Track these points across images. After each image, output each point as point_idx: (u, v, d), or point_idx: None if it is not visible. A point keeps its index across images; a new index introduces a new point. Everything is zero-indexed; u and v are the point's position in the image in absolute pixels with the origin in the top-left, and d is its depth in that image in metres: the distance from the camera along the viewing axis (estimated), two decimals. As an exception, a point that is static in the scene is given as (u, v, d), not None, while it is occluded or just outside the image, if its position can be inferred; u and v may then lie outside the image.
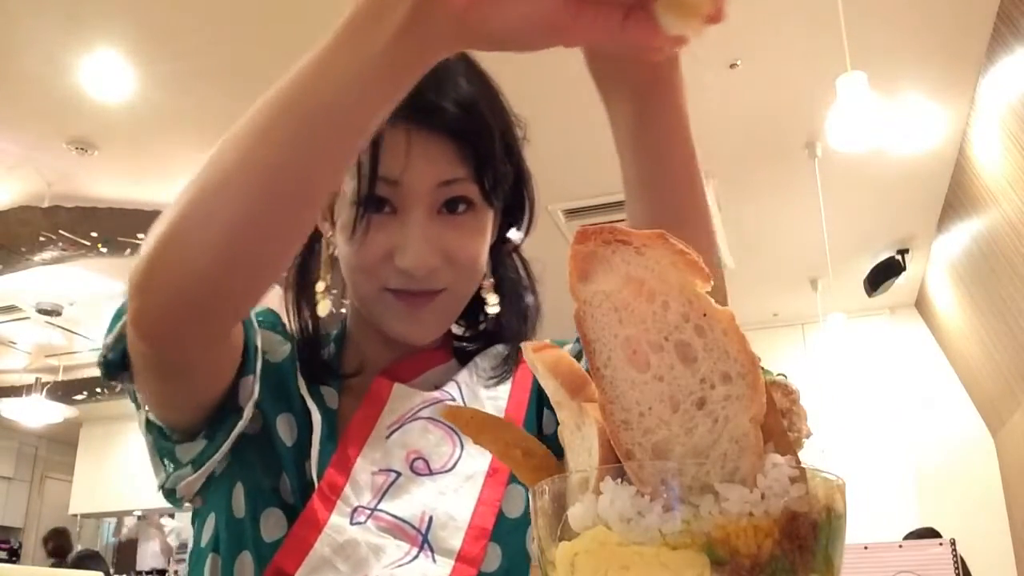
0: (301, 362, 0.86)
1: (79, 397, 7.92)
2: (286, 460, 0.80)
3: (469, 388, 0.89)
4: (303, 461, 0.80)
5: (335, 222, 0.83)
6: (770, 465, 0.37)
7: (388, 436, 0.83)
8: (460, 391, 0.88)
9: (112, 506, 9.04)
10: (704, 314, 0.39)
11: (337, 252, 0.84)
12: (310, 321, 0.87)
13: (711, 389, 0.39)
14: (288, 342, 0.88)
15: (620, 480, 0.38)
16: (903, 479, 6.31)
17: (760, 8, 3.45)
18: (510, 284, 0.92)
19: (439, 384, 0.89)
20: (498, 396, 0.89)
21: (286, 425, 0.82)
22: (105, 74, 3.87)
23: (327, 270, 0.86)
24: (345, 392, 0.87)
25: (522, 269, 0.94)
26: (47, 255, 5.28)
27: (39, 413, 7.96)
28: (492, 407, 0.87)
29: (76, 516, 9.61)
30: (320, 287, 0.85)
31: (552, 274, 0.93)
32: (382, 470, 0.81)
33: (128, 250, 5.18)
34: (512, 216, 0.90)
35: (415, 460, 0.82)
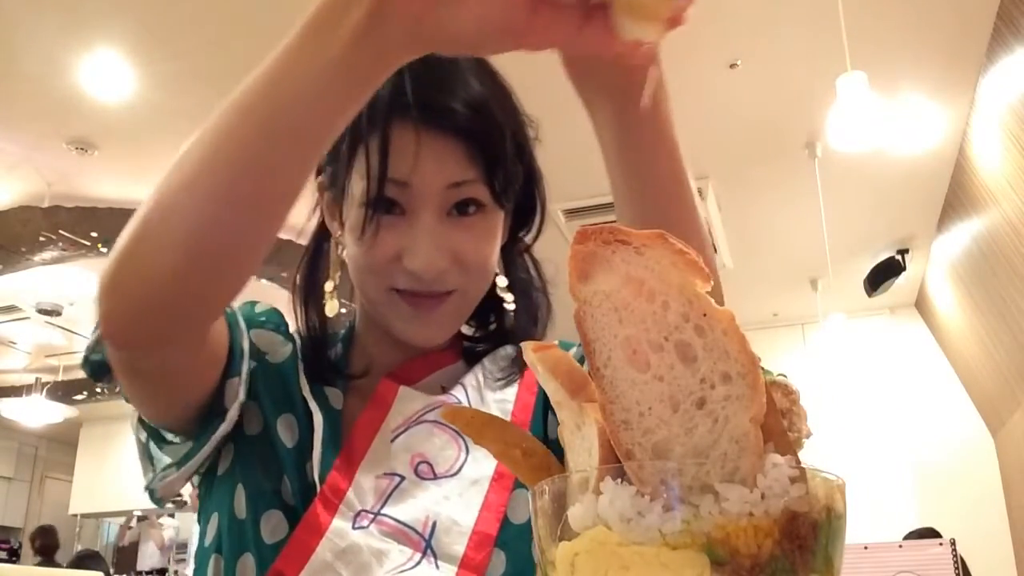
0: (307, 362, 0.85)
1: (79, 397, 7.93)
2: (287, 462, 0.80)
3: (476, 391, 0.88)
4: (304, 462, 0.80)
5: (344, 223, 0.82)
6: (770, 465, 0.37)
7: (393, 439, 0.82)
8: (467, 394, 0.87)
9: (112, 506, 9.03)
10: (704, 314, 0.39)
11: (345, 253, 0.83)
12: (317, 321, 0.86)
13: (711, 389, 0.39)
14: (290, 343, 0.87)
15: (620, 480, 0.38)
16: (903, 479, 6.31)
17: (760, 8, 3.45)
18: (521, 284, 0.90)
19: (446, 386, 0.88)
20: (505, 399, 0.88)
21: (286, 426, 0.81)
22: (105, 74, 3.87)
23: (336, 270, 0.85)
24: (350, 393, 0.86)
25: (533, 269, 0.93)
26: (47, 255, 5.28)
27: (39, 413, 7.97)
28: (499, 410, 0.86)
29: (76, 516, 9.61)
30: (329, 287, 0.85)
31: (552, 274, 0.93)
32: (386, 474, 0.80)
33: (128, 250, 5.17)
34: (523, 216, 0.89)
35: (419, 464, 0.81)
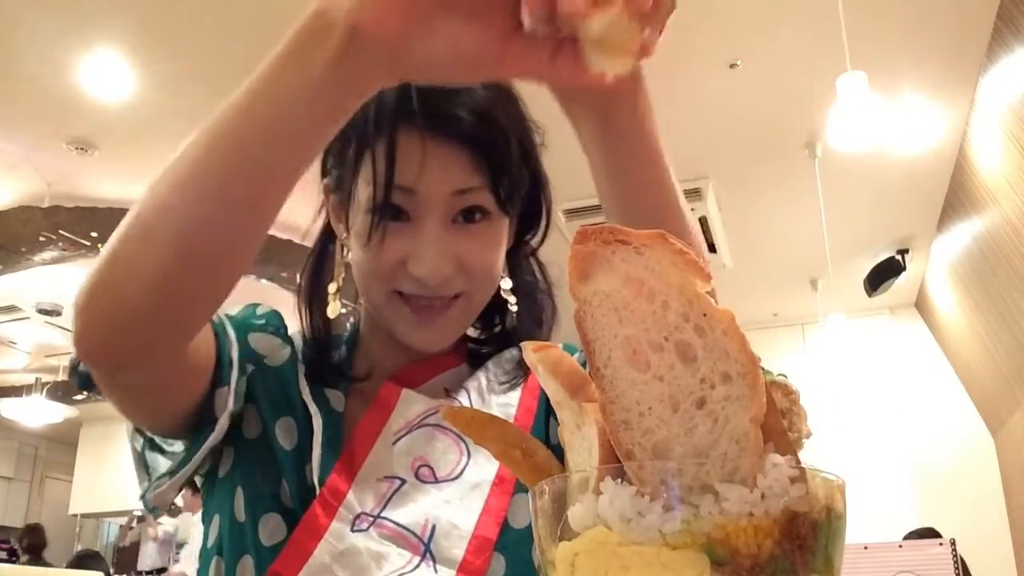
0: (309, 364, 0.85)
1: (79, 397, 7.93)
2: (285, 465, 0.80)
3: (479, 394, 0.88)
4: (303, 465, 0.80)
5: (349, 227, 0.82)
6: (770, 465, 0.37)
7: (395, 442, 0.82)
8: (470, 398, 0.87)
9: (112, 506, 9.02)
10: (704, 314, 0.39)
11: (350, 256, 0.83)
12: (321, 323, 0.86)
13: (711, 389, 0.39)
14: (288, 345, 0.87)
15: (620, 480, 0.38)
16: (903, 479, 6.31)
17: (760, 8, 3.45)
18: (526, 287, 0.91)
19: (449, 389, 0.88)
20: (509, 403, 0.88)
21: (285, 429, 0.81)
22: (105, 74, 3.87)
23: (340, 272, 0.85)
24: (352, 395, 0.86)
25: (538, 272, 0.93)
26: (47, 255, 5.28)
27: (39, 413, 7.98)
28: (502, 414, 0.86)
29: (76, 516, 9.62)
30: (332, 288, 0.85)
31: (551, 274, 0.93)
32: (387, 477, 0.80)
33: (128, 250, 5.17)
34: (529, 220, 0.89)
35: (421, 467, 0.81)
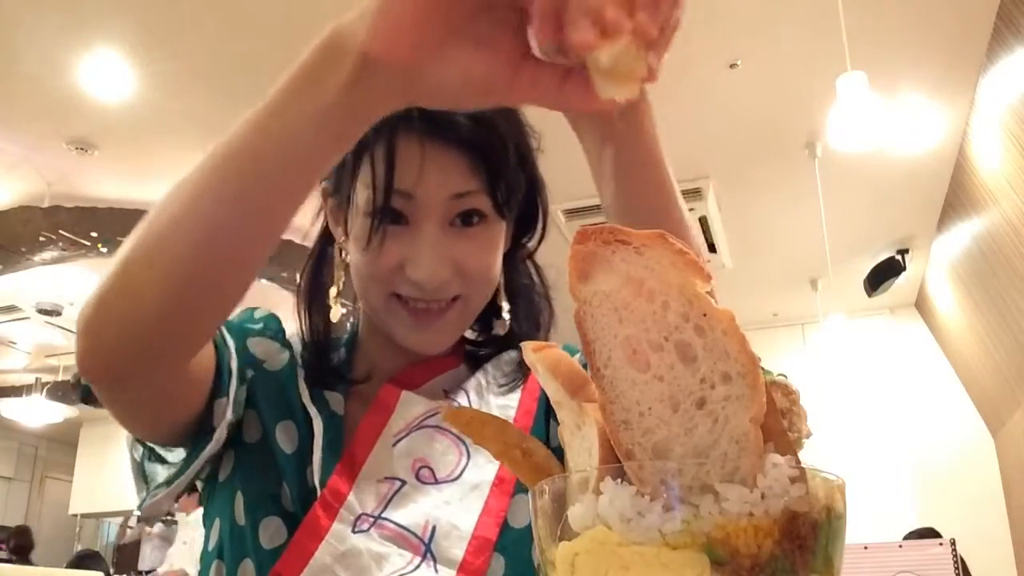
0: (309, 367, 0.86)
1: (79, 397, 7.92)
2: (286, 468, 0.80)
3: (479, 396, 0.88)
4: (304, 468, 0.80)
5: (348, 230, 0.82)
6: (770, 465, 0.37)
7: (395, 444, 0.82)
8: (469, 399, 0.88)
9: (112, 506, 9.01)
10: (704, 314, 0.39)
11: (349, 260, 0.84)
12: (321, 325, 0.87)
13: (711, 389, 0.39)
14: (287, 349, 0.87)
15: (620, 480, 0.38)
16: (903, 479, 6.31)
17: (760, 8, 3.45)
18: (523, 290, 0.91)
19: (448, 390, 0.88)
20: (508, 404, 0.88)
21: (286, 433, 0.82)
22: (105, 74, 3.87)
23: (340, 275, 0.86)
24: (352, 398, 0.86)
25: (535, 275, 0.94)
26: (47, 255, 5.28)
27: (39, 413, 7.97)
28: (501, 415, 0.85)
29: (76, 516, 9.61)
30: (333, 292, 0.85)
31: (552, 274, 0.93)
32: (387, 478, 0.80)
33: (128, 250, 5.17)
34: (526, 223, 0.90)
35: (421, 468, 0.82)
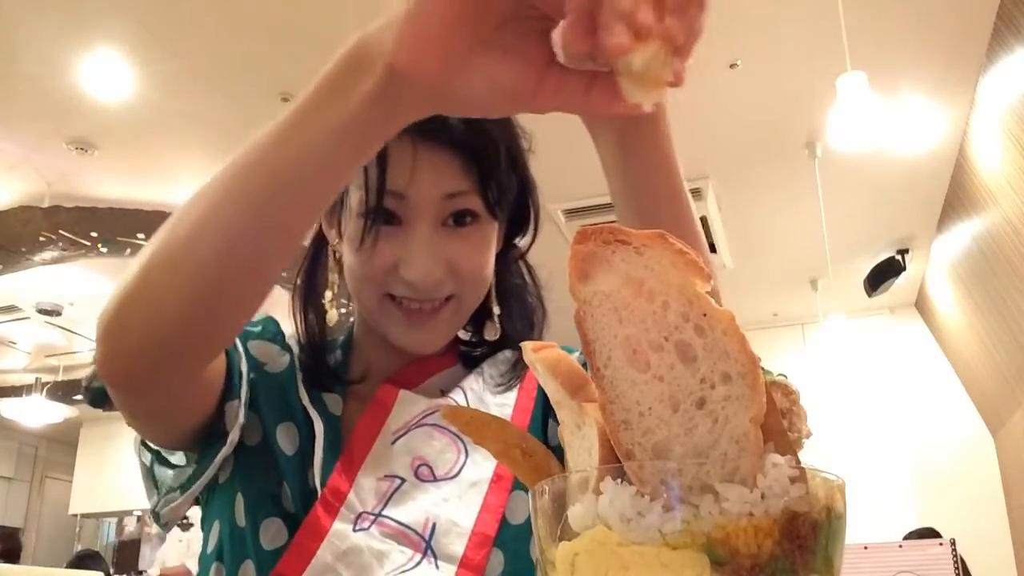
0: (306, 368, 0.86)
1: (79, 397, 7.91)
2: (287, 469, 0.80)
3: (476, 394, 0.89)
4: (305, 469, 0.81)
5: (342, 232, 0.83)
6: (770, 465, 0.37)
7: (393, 443, 0.83)
8: (466, 397, 0.88)
9: (112, 506, 9.02)
10: (704, 314, 0.39)
11: (343, 260, 0.84)
12: (317, 327, 0.87)
13: (711, 389, 0.39)
14: (287, 352, 0.88)
15: (620, 480, 0.38)
16: (903, 479, 6.31)
17: (760, 8, 3.45)
18: (516, 291, 0.92)
19: (445, 389, 0.89)
20: (505, 403, 0.89)
21: (286, 434, 0.82)
22: (104, 74, 3.87)
23: (334, 277, 0.86)
24: (350, 398, 0.87)
25: (528, 275, 0.94)
26: (47, 255, 5.28)
27: (39, 413, 7.97)
28: (499, 414, 0.86)
29: (76, 516, 9.61)
30: (328, 296, 0.86)
31: (552, 274, 0.93)
32: (387, 476, 0.81)
33: (128, 250, 5.17)
34: (517, 224, 0.91)
35: (420, 466, 0.82)
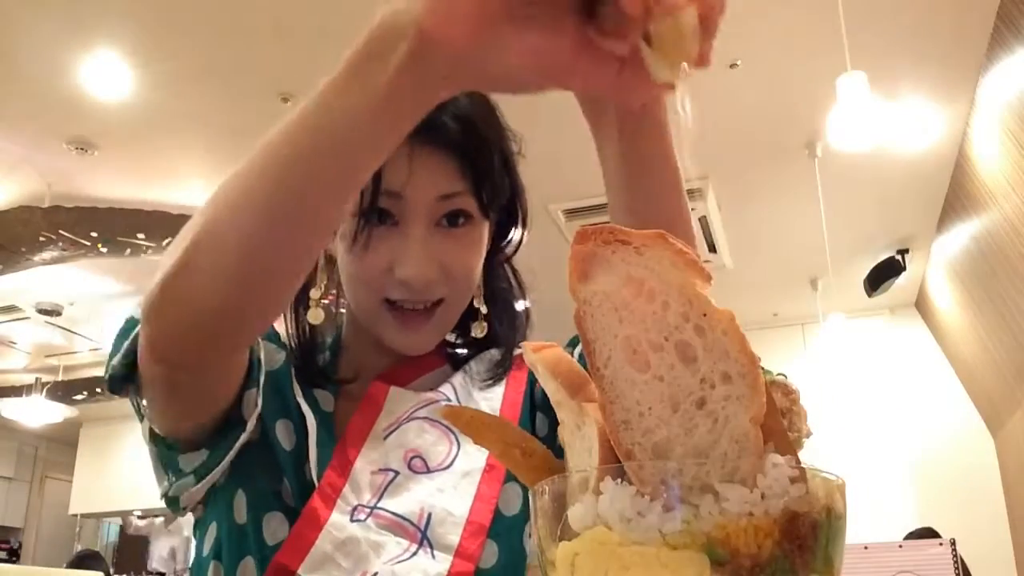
0: (298, 367, 0.88)
1: (79, 397, 7.92)
2: (286, 465, 0.81)
3: (464, 389, 0.91)
4: (302, 464, 0.82)
5: (335, 231, 0.84)
6: (770, 465, 0.37)
7: (386, 437, 0.85)
8: (455, 392, 0.90)
9: (112, 506, 9.03)
10: (704, 314, 0.39)
11: (337, 260, 0.86)
12: (307, 327, 0.88)
13: (711, 389, 0.39)
14: (283, 350, 0.89)
15: (620, 480, 0.38)
16: (903, 479, 6.31)
17: (760, 8, 3.45)
18: (501, 293, 0.94)
19: (434, 386, 0.90)
20: (492, 397, 0.91)
21: (285, 431, 0.83)
22: (105, 74, 3.86)
23: (323, 278, 0.87)
24: (341, 396, 0.88)
25: (513, 278, 0.97)
26: (47, 255, 5.27)
27: (39, 413, 7.96)
28: (487, 408, 0.89)
29: (76, 516, 9.61)
30: (315, 294, 0.87)
31: (552, 274, 0.94)
32: (381, 469, 0.82)
33: (128, 250, 5.17)
34: (505, 227, 0.93)
35: (413, 459, 0.84)
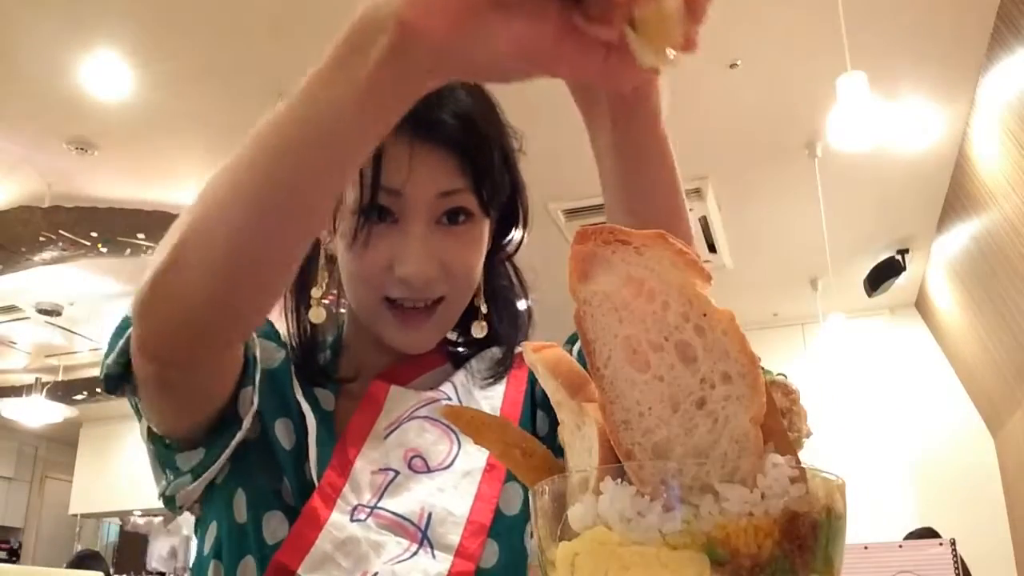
0: (298, 366, 0.87)
1: (79, 397, 7.92)
2: (286, 463, 0.81)
3: (464, 388, 0.91)
4: (302, 463, 0.81)
5: (335, 229, 0.84)
6: (770, 465, 0.37)
7: (386, 436, 0.84)
8: (456, 391, 0.90)
9: (112, 506, 9.03)
10: (704, 314, 0.39)
11: (338, 258, 0.85)
12: (308, 325, 0.88)
13: (711, 389, 0.39)
14: (283, 349, 0.89)
15: (620, 480, 0.38)
16: (903, 479, 6.31)
17: (760, 8, 3.45)
18: (502, 291, 0.94)
19: (434, 385, 0.90)
20: (493, 396, 0.90)
21: (284, 429, 0.83)
22: (105, 74, 3.86)
23: (324, 276, 0.87)
24: (342, 395, 0.88)
25: (514, 276, 0.96)
26: (47, 255, 5.27)
27: (39, 413, 7.96)
28: (487, 406, 0.89)
29: (76, 516, 9.61)
30: (316, 293, 0.86)
31: (552, 274, 0.94)
32: (381, 469, 0.82)
33: (128, 250, 5.17)
34: (506, 224, 0.92)
35: (413, 458, 0.83)
